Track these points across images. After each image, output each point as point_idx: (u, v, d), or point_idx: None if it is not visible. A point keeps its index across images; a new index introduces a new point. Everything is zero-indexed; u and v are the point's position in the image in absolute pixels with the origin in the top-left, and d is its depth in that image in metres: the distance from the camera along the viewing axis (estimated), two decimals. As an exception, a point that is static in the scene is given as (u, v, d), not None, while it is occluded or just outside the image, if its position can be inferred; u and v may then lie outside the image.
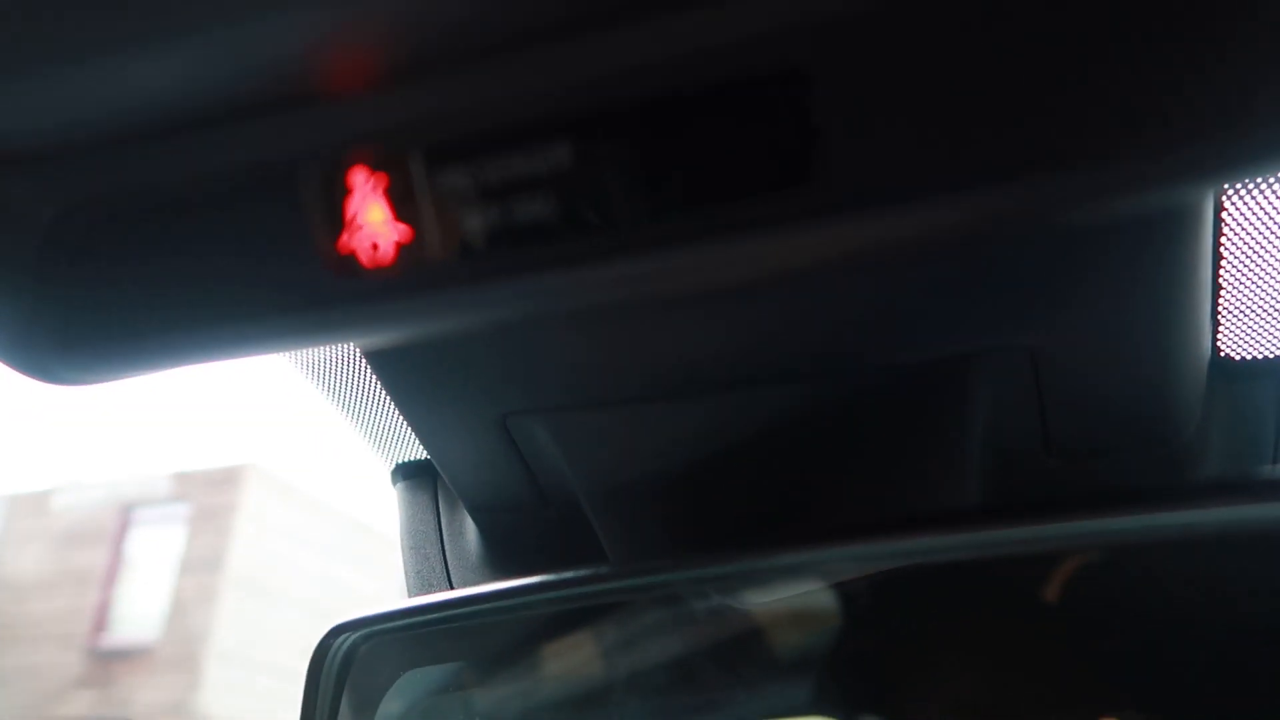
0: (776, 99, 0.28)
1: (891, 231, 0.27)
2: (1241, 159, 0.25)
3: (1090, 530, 0.35)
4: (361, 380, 0.58)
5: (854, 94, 0.27)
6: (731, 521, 0.48)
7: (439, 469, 0.59)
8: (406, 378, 0.50)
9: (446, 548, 0.61)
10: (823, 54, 0.27)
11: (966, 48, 0.26)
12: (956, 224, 0.27)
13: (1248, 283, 0.49)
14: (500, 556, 0.59)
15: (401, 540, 0.64)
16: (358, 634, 0.51)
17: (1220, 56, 0.24)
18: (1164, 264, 0.41)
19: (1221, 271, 0.48)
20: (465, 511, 0.60)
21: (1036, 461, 0.48)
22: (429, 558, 0.62)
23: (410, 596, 0.63)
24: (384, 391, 0.55)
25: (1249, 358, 0.50)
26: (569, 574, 0.45)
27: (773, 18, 0.27)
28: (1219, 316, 0.49)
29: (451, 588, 0.61)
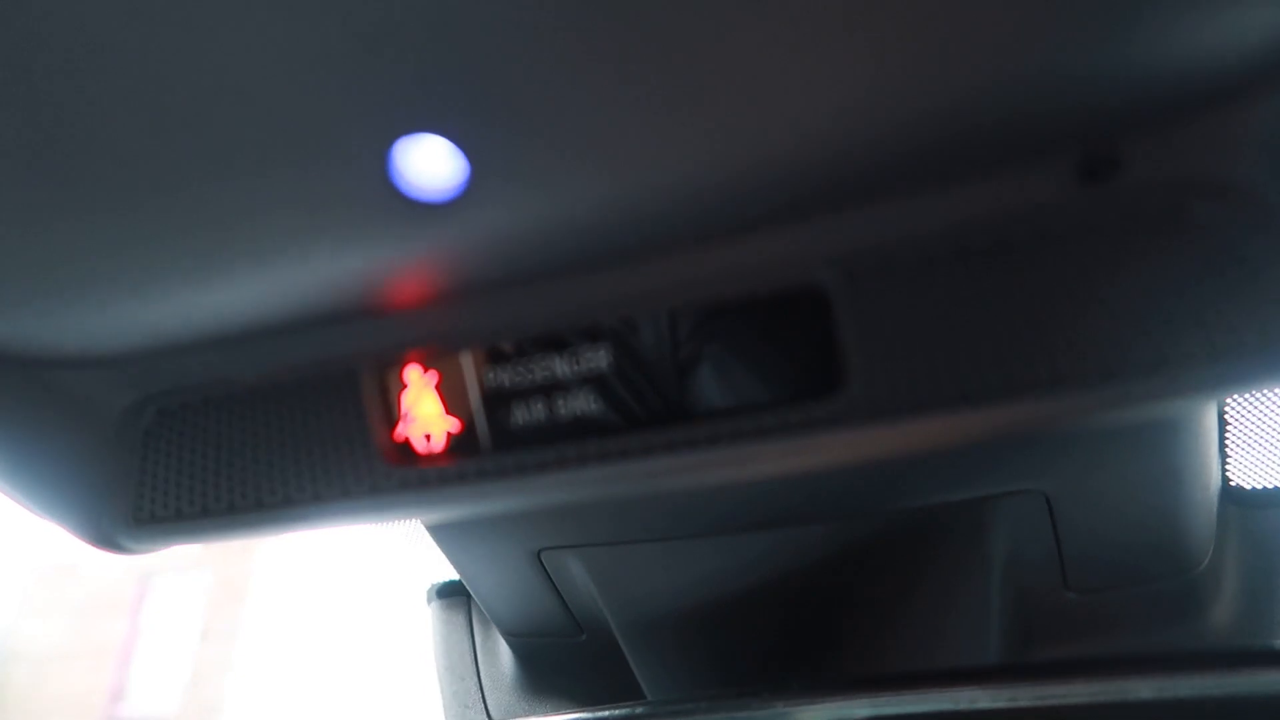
0: (798, 315, 0.30)
1: (908, 440, 0.29)
2: (1234, 379, 0.27)
3: (1111, 691, 0.36)
4: None
5: (873, 314, 0.29)
6: (761, 658, 0.50)
7: (474, 596, 0.60)
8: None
9: (481, 671, 0.63)
10: (843, 278, 0.30)
11: (978, 278, 0.28)
12: (971, 434, 0.29)
13: (1252, 415, 0.51)
14: (535, 680, 0.61)
15: (436, 661, 0.66)
16: None
17: (1223, 289, 0.26)
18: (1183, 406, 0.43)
19: (1228, 405, 0.50)
20: (499, 635, 0.62)
21: (1054, 597, 0.49)
22: (464, 679, 0.63)
23: (445, 712, 0.64)
24: (419, 522, 0.57)
25: (1260, 487, 0.52)
26: (604, 713, 0.46)
27: (793, 246, 0.30)
28: (1227, 448, 0.51)
29: (487, 710, 0.62)
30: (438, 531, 0.54)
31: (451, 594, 0.66)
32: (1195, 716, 0.35)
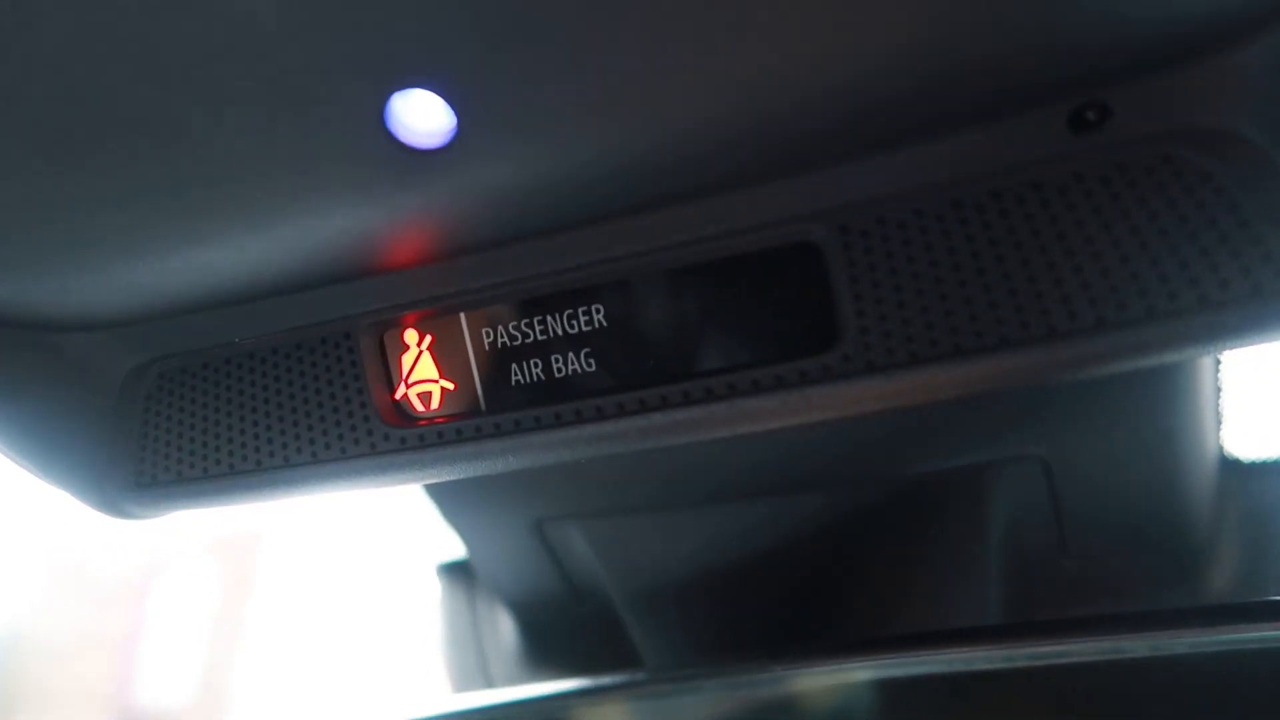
0: (793, 270, 0.31)
1: (903, 394, 0.30)
2: (1236, 330, 0.27)
3: (1106, 649, 0.36)
4: None
5: (867, 268, 0.30)
6: (762, 626, 0.50)
7: (476, 569, 0.61)
8: (447, 483, 0.53)
9: (484, 641, 0.63)
10: (836, 232, 0.30)
11: (971, 231, 0.29)
12: (965, 387, 0.29)
13: (1249, 384, 0.51)
14: (536, 650, 0.61)
15: (441, 632, 0.66)
16: None
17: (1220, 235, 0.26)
18: (1168, 373, 0.43)
19: (1222, 373, 0.50)
20: (501, 607, 0.63)
21: (1053, 562, 0.49)
22: (466, 650, 0.64)
23: (449, 686, 0.65)
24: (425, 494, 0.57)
25: (1257, 457, 0.52)
26: (606, 680, 0.47)
27: (786, 201, 0.30)
28: (1225, 418, 0.51)
29: (488, 679, 0.63)
30: (441, 503, 0.55)
31: (456, 570, 0.67)
32: (1190, 672, 0.35)
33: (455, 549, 0.66)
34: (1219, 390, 0.49)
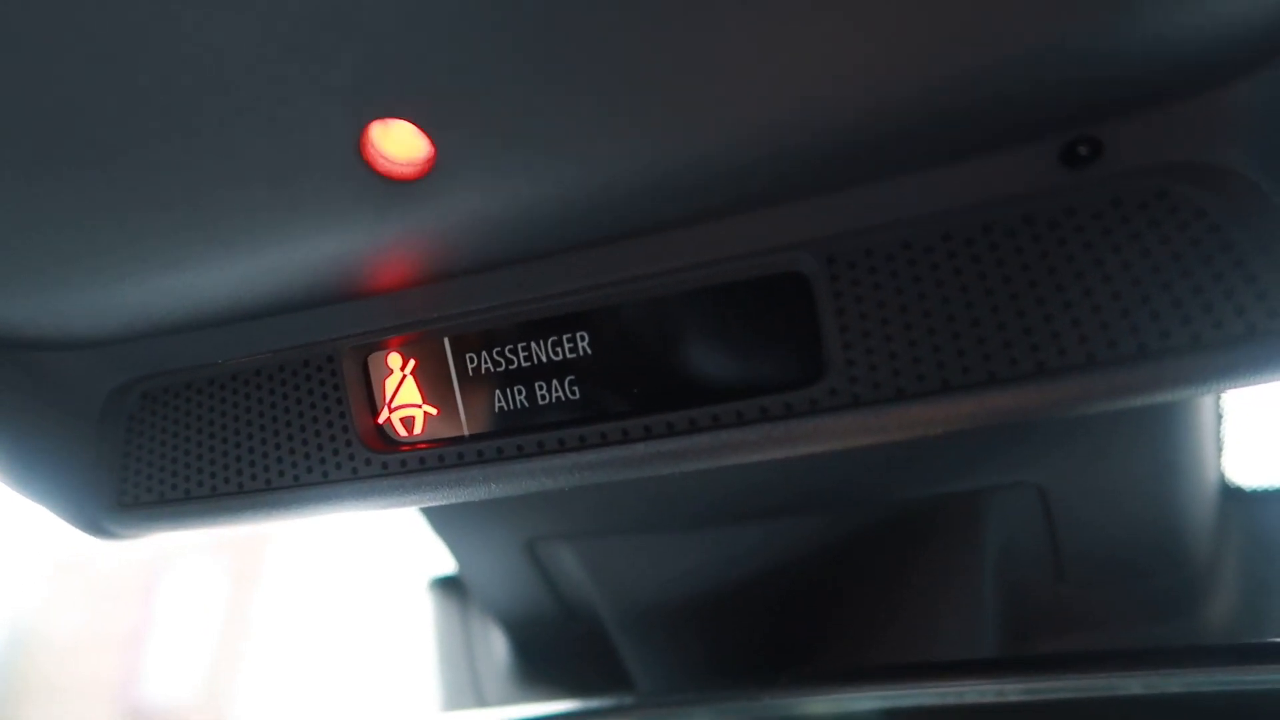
0: (779, 300, 0.30)
1: (889, 428, 0.29)
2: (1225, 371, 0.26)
3: (1099, 686, 0.36)
4: None
5: (854, 299, 0.29)
6: (753, 650, 0.49)
7: (468, 587, 0.60)
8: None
9: (475, 659, 0.63)
10: (823, 262, 0.29)
11: (960, 263, 0.28)
12: (952, 423, 0.29)
13: (1251, 410, 0.50)
14: (527, 669, 0.61)
15: (432, 646, 0.66)
16: None
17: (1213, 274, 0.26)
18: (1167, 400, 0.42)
19: (1223, 400, 0.49)
20: (493, 624, 0.62)
21: (1048, 589, 0.49)
22: (457, 666, 0.63)
23: (441, 702, 0.65)
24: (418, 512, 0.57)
25: (1258, 485, 0.51)
26: (595, 703, 0.46)
27: (773, 230, 0.30)
28: (1228, 445, 0.50)
29: (480, 695, 0.62)
30: (433, 522, 0.54)
31: (447, 585, 0.66)
32: (1184, 712, 0.35)
33: (447, 563, 0.65)
34: (1220, 417, 0.48)
